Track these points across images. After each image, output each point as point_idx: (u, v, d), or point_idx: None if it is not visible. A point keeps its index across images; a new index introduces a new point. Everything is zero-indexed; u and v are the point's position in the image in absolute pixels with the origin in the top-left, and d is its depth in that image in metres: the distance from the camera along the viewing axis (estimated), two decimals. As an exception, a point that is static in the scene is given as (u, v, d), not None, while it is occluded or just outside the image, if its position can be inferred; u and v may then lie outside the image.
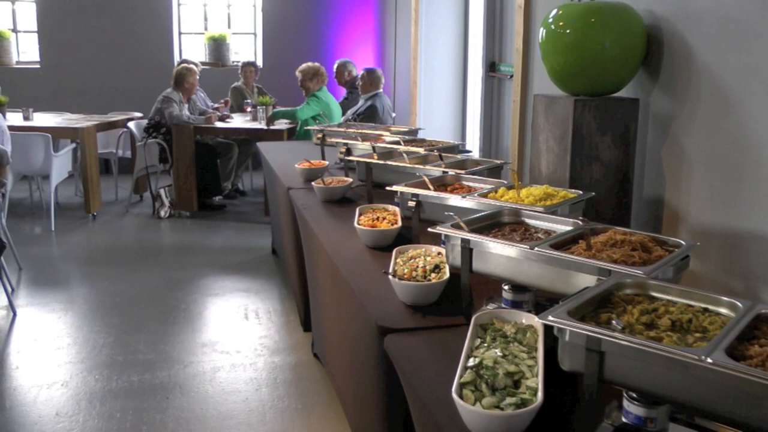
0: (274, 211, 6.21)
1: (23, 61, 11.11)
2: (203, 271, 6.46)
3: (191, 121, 8.18)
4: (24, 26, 11.15)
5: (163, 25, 10.92)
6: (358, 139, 4.60)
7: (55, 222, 7.85)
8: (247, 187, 9.55)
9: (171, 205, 8.27)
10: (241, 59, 11.03)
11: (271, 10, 11.03)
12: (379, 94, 7.68)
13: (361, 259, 3.05)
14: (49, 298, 5.85)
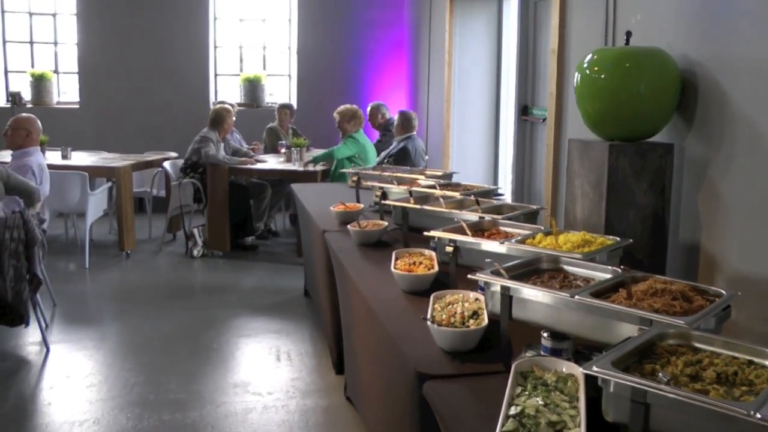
0: (307, 252, 6.24)
1: (63, 102, 11.31)
2: (235, 311, 6.48)
3: (227, 161, 8.27)
4: (65, 68, 11.39)
5: (200, 67, 11.07)
6: (394, 183, 4.63)
7: (90, 259, 7.92)
8: (280, 228, 9.59)
9: (204, 245, 8.32)
10: (275, 100, 11.15)
11: (306, 53, 11.16)
12: (412, 137, 7.72)
13: (397, 304, 3.06)
14: (81, 334, 5.91)
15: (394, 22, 11.15)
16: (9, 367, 5.26)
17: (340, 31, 11.12)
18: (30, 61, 11.40)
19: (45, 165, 6.61)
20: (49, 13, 11.32)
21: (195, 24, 11.01)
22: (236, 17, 11.42)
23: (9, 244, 5.09)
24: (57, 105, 11.20)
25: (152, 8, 10.88)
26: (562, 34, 5.47)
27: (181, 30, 10.94)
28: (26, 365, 5.32)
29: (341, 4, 11.07)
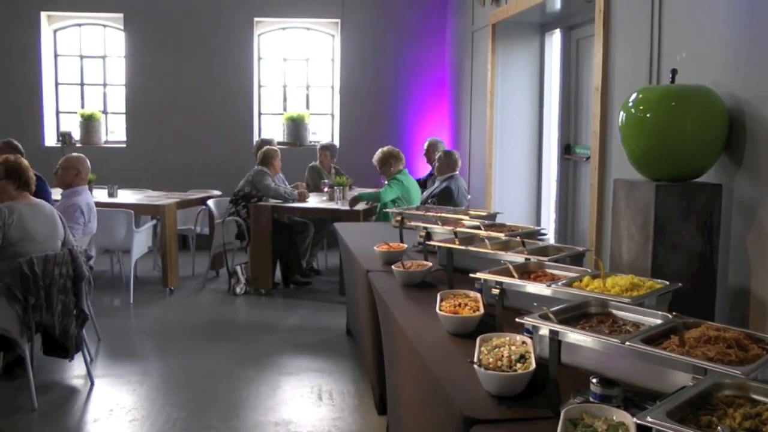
0: (350, 291, 6.24)
1: (111, 141, 11.53)
2: (277, 349, 6.49)
3: (288, 195, 8.36)
4: (113, 108, 11.64)
5: (243, 106, 11.21)
6: (438, 223, 4.63)
7: (134, 295, 8.02)
8: (322, 267, 9.61)
9: (247, 282, 8.37)
10: (318, 139, 11.24)
11: (348, 92, 11.25)
12: (454, 176, 7.72)
13: (443, 346, 3.04)
14: (125, 369, 5.96)
15: (436, 61, 11.22)
16: (55, 399, 5.33)
17: (383, 71, 11.20)
18: (80, 102, 11.67)
19: (93, 203, 6.74)
20: (99, 56, 11.59)
21: (240, 64, 11.16)
22: (280, 57, 11.57)
23: (58, 280, 5.18)
24: (105, 144, 11.41)
25: (198, 49, 11.06)
26: (605, 72, 5.45)
27: (226, 70, 11.10)
28: (71, 398, 5.40)
29: (384, 44, 11.17)
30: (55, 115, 11.63)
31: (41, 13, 11.19)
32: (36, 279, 5.02)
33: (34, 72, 11.21)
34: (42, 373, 5.75)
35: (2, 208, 5.13)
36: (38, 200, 5.46)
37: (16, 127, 10.41)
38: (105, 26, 11.49)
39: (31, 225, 5.17)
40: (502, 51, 8.36)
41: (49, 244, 5.27)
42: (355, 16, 11.09)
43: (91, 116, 11.34)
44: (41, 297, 5.06)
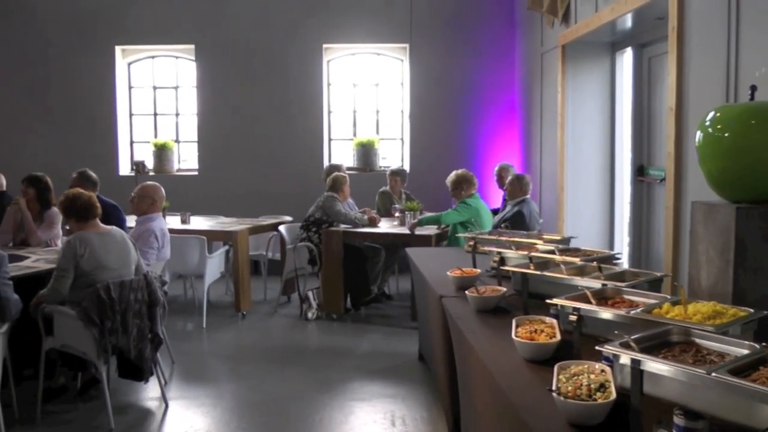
0: (423, 317, 6.21)
1: (183, 169, 11.77)
2: (349, 374, 6.50)
3: (358, 221, 8.40)
4: (185, 137, 11.91)
5: (314, 132, 11.32)
6: (512, 248, 4.59)
7: (207, 319, 8.13)
8: (393, 291, 9.60)
9: (318, 307, 8.40)
10: (388, 164, 11.28)
11: (418, 117, 11.27)
12: (526, 200, 7.66)
13: (519, 373, 3.00)
14: (199, 392, 6.06)
15: (505, 84, 11.19)
16: (130, 420, 5.46)
17: (452, 94, 11.21)
18: (153, 131, 11.94)
19: (166, 230, 6.87)
20: (171, 87, 11.86)
21: (309, 90, 11.30)
22: (349, 82, 11.66)
23: (133, 305, 5.32)
24: (177, 172, 11.66)
25: (268, 77, 11.22)
26: (680, 91, 5.36)
27: (295, 96, 11.23)
28: (147, 419, 5.52)
29: (452, 68, 11.18)
30: (129, 145, 11.93)
31: (116, 47, 11.52)
32: (112, 304, 5.16)
33: (109, 104, 11.51)
34: (118, 394, 5.88)
35: (74, 241, 5.29)
36: (109, 228, 5.60)
37: (92, 157, 10.68)
38: (177, 57, 11.76)
39: (102, 254, 5.31)
40: (573, 72, 8.30)
41: (122, 270, 5.42)
42: (423, 40, 11.13)
43: (164, 145, 11.60)
44: (117, 321, 5.20)
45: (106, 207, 7.23)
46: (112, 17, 11.32)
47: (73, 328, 5.22)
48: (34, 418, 5.33)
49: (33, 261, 6.26)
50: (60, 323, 5.33)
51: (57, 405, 5.68)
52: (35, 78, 11.54)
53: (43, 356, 5.41)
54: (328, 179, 8.78)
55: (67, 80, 11.44)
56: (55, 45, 11.41)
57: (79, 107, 11.48)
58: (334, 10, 11.14)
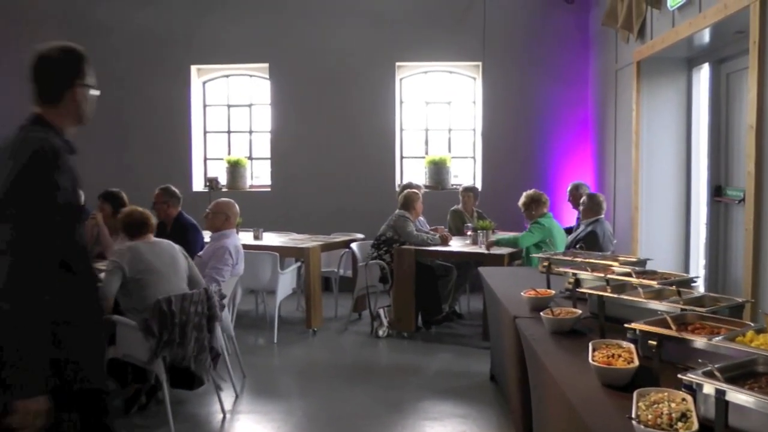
0: (495, 337, 6.17)
1: (256, 185, 11.90)
2: (420, 393, 6.48)
3: (430, 241, 8.40)
4: (258, 154, 12.07)
5: (386, 150, 11.35)
6: (587, 269, 4.54)
7: (278, 335, 8.18)
8: (464, 310, 9.55)
9: (389, 325, 8.41)
10: (460, 182, 11.25)
11: (490, 135, 11.23)
12: (600, 220, 7.56)
13: (597, 398, 2.96)
14: (269, 407, 6.13)
15: (578, 102, 11.09)
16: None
17: (524, 112, 11.14)
18: (227, 148, 12.14)
19: (240, 246, 6.96)
20: (245, 105, 12.04)
21: (382, 108, 11.35)
22: (422, 100, 11.69)
23: (193, 318, 5.45)
24: (250, 189, 11.79)
25: (340, 95, 11.31)
26: (761, 108, 5.24)
27: (368, 114, 11.29)
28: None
29: (525, 85, 11.13)
30: (203, 162, 12.14)
31: (191, 67, 11.75)
32: (173, 316, 5.29)
33: (184, 121, 11.74)
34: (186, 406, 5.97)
35: (121, 248, 5.55)
36: (159, 239, 5.81)
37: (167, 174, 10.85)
38: (251, 76, 11.93)
39: (148, 258, 5.48)
40: (648, 88, 8.17)
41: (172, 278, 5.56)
42: (496, 58, 11.11)
43: (237, 162, 11.76)
44: (176, 333, 5.31)
45: (185, 226, 7.42)
46: (188, 38, 11.55)
47: (133, 338, 5.35)
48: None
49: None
50: (122, 333, 5.47)
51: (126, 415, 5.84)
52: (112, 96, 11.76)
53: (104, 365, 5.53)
54: (400, 197, 8.80)
55: (144, 99, 11.69)
56: (131, 64, 11.68)
57: (155, 125, 11.73)
58: (408, 29, 11.18)
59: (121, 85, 11.60)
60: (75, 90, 3.02)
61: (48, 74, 2.99)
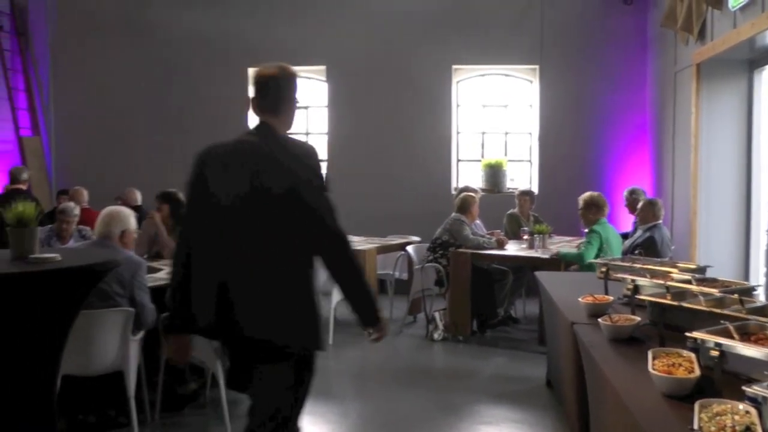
0: (551, 342, 6.15)
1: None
2: (475, 397, 6.48)
3: (486, 244, 8.41)
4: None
5: (442, 153, 11.38)
6: (646, 276, 4.50)
7: (334, 337, 8.23)
8: (520, 315, 9.51)
9: (444, 328, 8.41)
10: (516, 186, 11.23)
11: (548, 139, 11.19)
12: (658, 226, 7.49)
13: (657, 408, 2.94)
14: (324, 408, 6.13)
15: (636, 105, 11.01)
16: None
17: (581, 116, 11.09)
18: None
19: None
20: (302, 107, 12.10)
21: (439, 111, 11.39)
22: (478, 104, 11.69)
23: None
24: (310, 192, 11.82)
25: (397, 97, 11.36)
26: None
27: (425, 117, 11.32)
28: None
29: (582, 88, 11.07)
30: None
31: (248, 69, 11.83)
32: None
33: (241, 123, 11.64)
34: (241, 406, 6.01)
35: None
36: None
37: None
38: (308, 78, 12.02)
39: None
40: (707, 91, 8.07)
41: None
42: (553, 61, 11.07)
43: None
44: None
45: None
46: (246, 40, 11.67)
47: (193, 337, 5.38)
48: (155, 423, 5.65)
49: (166, 273, 6.51)
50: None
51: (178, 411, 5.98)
52: (169, 98, 12.03)
53: (163, 363, 5.66)
54: (457, 199, 8.81)
55: (202, 100, 11.87)
56: (190, 67, 11.88)
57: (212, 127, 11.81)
58: (465, 32, 11.19)
59: (179, 87, 11.81)
60: (291, 104, 3.63)
61: (274, 90, 3.58)
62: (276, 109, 3.57)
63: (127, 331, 5.20)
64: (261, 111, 3.58)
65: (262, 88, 3.58)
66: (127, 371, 5.24)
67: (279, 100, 3.58)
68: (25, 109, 12.36)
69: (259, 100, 3.58)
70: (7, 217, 3.88)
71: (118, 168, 11.94)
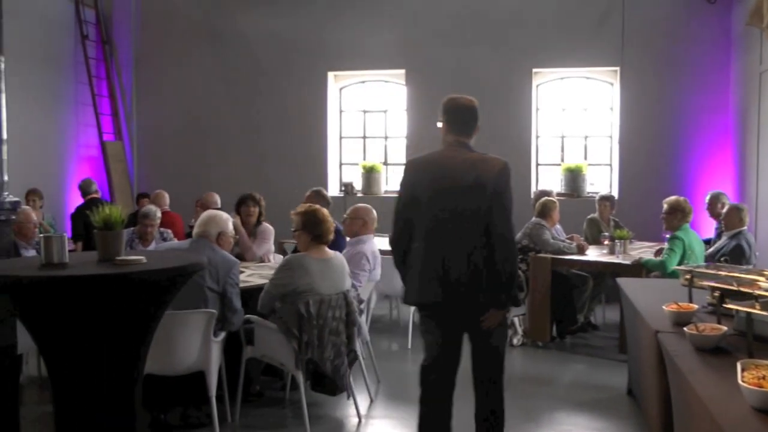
0: (633, 351, 6.04)
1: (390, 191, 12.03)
2: (554, 403, 6.42)
3: (567, 249, 8.32)
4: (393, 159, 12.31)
5: (522, 157, 11.27)
6: (733, 284, 4.39)
7: (412, 340, 8.21)
8: (599, 321, 9.35)
9: (524, 334, 8.34)
10: (596, 190, 11.08)
11: (628, 142, 11.01)
12: (743, 232, 7.31)
13: (747, 422, 2.86)
14: (403, 412, 6.13)
15: (718, 106, 10.78)
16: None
17: (663, 118, 10.91)
18: (362, 154, 12.38)
19: (377, 251, 7.03)
20: (381, 110, 12.23)
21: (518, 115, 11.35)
22: (558, 107, 11.59)
23: (330, 322, 5.46)
24: (384, 194, 11.93)
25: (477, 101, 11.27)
26: None
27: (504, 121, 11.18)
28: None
29: (664, 90, 10.90)
30: (339, 167, 12.41)
31: (328, 73, 12.02)
32: (310, 318, 5.33)
33: (321, 126, 12.06)
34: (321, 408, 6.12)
35: (294, 262, 5.52)
36: (333, 254, 5.75)
37: (302, 178, 11.16)
38: (387, 82, 12.09)
39: (316, 281, 5.44)
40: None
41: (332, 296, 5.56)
42: (634, 62, 10.90)
43: (372, 168, 11.95)
44: (314, 336, 5.36)
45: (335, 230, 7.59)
46: (326, 45, 11.82)
47: (273, 340, 5.48)
48: (235, 423, 5.73)
49: (247, 275, 6.64)
50: (260, 334, 5.62)
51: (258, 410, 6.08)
52: (249, 103, 12.25)
53: (243, 364, 5.74)
54: (537, 204, 8.72)
55: (281, 105, 12.06)
56: (270, 72, 12.08)
57: (292, 131, 12.04)
58: (545, 35, 11.12)
59: (259, 92, 12.00)
60: (477, 128, 4.85)
61: (472, 119, 4.83)
62: (471, 132, 4.75)
63: (209, 332, 5.29)
64: (458, 133, 4.68)
65: (462, 116, 4.79)
66: (208, 371, 5.34)
67: (474, 126, 4.79)
68: (108, 114, 12.75)
69: (459, 125, 4.71)
70: (95, 220, 3.97)
71: (197, 171, 12.23)
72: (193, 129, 12.56)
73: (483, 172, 4.45)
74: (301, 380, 5.45)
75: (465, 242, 4.29)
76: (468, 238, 4.30)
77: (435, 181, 4.40)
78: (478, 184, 4.37)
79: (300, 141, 12.03)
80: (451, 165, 4.47)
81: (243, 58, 12.20)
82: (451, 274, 4.25)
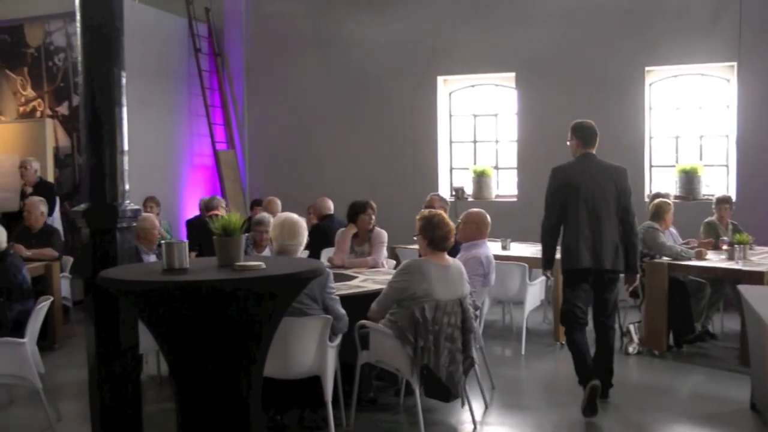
0: (757, 362, 5.77)
1: (501, 195, 11.99)
2: (671, 416, 6.20)
3: (684, 254, 8.05)
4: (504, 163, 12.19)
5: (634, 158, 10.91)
6: None
7: (526, 347, 8.11)
8: (717, 330, 8.95)
9: (640, 342, 8.09)
10: (712, 192, 10.67)
11: (747, 141, 10.55)
12: None
13: None
14: (518, 419, 6.12)
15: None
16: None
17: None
18: (473, 158, 12.31)
19: (491, 256, 6.97)
20: (491, 114, 12.15)
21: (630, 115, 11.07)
22: (671, 106, 11.25)
23: (446, 328, 5.41)
24: (495, 198, 11.84)
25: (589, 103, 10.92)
26: None
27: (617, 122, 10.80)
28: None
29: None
30: (449, 171, 12.35)
31: (438, 78, 11.99)
32: (426, 323, 5.30)
33: (432, 131, 12.04)
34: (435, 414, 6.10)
35: (414, 266, 5.52)
36: (452, 261, 5.73)
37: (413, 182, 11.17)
38: (497, 85, 12.00)
39: (434, 286, 5.42)
40: None
41: (447, 302, 5.50)
42: (754, 56, 10.42)
43: (482, 172, 11.87)
44: (429, 341, 5.32)
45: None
46: (435, 49, 11.82)
47: (388, 345, 5.48)
48: (350, 428, 5.76)
49: (361, 281, 6.69)
50: (376, 340, 5.62)
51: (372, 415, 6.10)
52: (359, 110, 12.34)
53: (358, 370, 5.78)
54: (651, 206, 8.46)
55: (391, 109, 12.10)
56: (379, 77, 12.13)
57: (402, 135, 12.06)
58: (657, 31, 10.78)
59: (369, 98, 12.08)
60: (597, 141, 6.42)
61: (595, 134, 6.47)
62: (594, 145, 6.40)
63: (324, 337, 5.32)
64: (587, 146, 6.38)
65: (588, 134, 6.43)
66: (324, 376, 5.38)
67: (596, 140, 6.42)
68: (221, 124, 13.09)
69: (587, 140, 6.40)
70: (214, 226, 4.04)
71: (308, 178, 12.40)
72: (303, 136, 12.74)
73: (614, 174, 6.28)
74: (416, 386, 5.44)
75: (608, 225, 6.15)
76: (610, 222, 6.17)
77: (583, 182, 6.19)
78: (613, 182, 6.21)
79: (410, 146, 12.04)
80: (590, 170, 6.28)
81: (352, 64, 12.29)
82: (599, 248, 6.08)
